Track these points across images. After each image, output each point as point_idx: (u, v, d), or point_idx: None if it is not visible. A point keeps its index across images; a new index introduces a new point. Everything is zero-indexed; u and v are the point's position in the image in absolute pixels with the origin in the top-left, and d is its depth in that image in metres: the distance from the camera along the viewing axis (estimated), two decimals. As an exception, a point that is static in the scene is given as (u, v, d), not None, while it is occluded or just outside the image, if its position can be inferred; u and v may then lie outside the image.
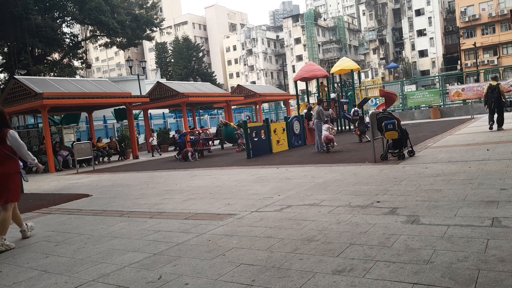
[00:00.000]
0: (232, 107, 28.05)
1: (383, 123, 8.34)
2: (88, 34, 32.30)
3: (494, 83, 12.22)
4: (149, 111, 23.83)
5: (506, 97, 13.55)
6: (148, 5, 32.52)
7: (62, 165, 16.00)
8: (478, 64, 46.28)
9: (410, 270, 2.77)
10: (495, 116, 12.24)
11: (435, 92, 27.90)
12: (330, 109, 17.50)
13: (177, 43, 61.63)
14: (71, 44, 30.63)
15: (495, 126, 12.26)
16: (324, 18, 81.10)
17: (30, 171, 15.95)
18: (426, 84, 47.06)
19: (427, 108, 26.69)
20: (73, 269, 3.59)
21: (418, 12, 60.52)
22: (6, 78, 28.17)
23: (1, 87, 25.50)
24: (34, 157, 5.07)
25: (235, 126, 18.49)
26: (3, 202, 4.67)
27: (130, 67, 30.70)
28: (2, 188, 4.68)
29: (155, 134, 21.56)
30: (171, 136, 23.29)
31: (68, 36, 30.92)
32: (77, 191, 9.07)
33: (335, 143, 11.91)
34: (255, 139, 13.15)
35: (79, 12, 27.84)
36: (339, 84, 23.89)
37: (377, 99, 25.75)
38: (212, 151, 16.35)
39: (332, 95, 21.01)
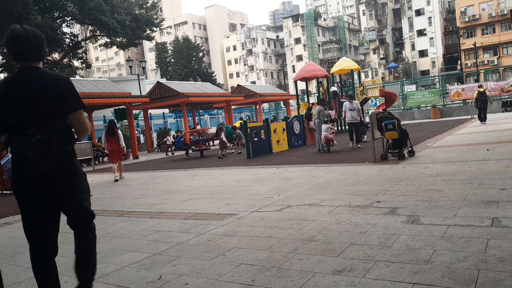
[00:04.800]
0: (232, 107, 28.05)
1: (383, 123, 8.35)
2: (88, 34, 32.30)
3: (481, 89, 16.41)
4: (149, 111, 23.83)
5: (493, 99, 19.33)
6: (148, 5, 32.51)
7: (62, 165, 16.00)
8: (478, 64, 46.26)
9: (410, 270, 2.77)
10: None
11: (435, 92, 27.91)
12: (333, 110, 17.43)
13: (177, 43, 61.64)
14: (71, 44, 30.62)
15: (482, 121, 16.22)
16: (324, 18, 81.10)
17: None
18: (426, 84, 47.06)
19: (427, 108, 26.70)
20: (73, 269, 3.59)
21: (418, 12, 60.50)
22: (6, 78, 28.12)
23: (1, 87, 25.47)
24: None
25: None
26: (119, 160, 10.77)
27: (130, 67, 30.69)
28: (118, 154, 10.72)
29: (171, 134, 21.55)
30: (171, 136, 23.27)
31: (68, 36, 30.91)
32: (77, 191, 9.04)
33: (335, 142, 11.93)
34: (255, 139, 13.15)
35: (79, 12, 27.84)
36: (339, 84, 23.89)
37: (377, 99, 25.74)
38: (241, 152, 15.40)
39: (333, 88, 21.03)
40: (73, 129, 2.55)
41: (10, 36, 2.42)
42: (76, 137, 2.60)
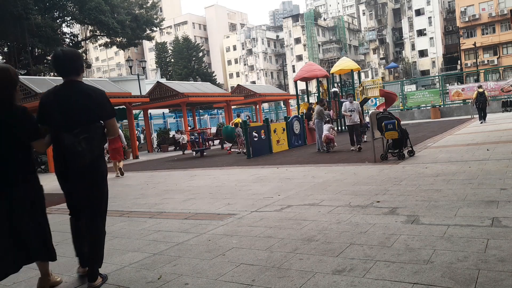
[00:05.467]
0: (232, 107, 28.06)
1: (383, 123, 8.35)
2: (88, 34, 32.32)
3: (481, 90, 17.19)
4: (149, 111, 23.83)
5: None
6: (148, 5, 32.54)
7: (62, 165, 16.00)
8: (478, 64, 46.27)
9: (410, 270, 2.77)
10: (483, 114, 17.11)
11: (435, 92, 27.91)
12: (331, 110, 17.40)
13: (177, 43, 61.62)
14: (71, 44, 30.63)
15: (483, 121, 17.06)
16: (324, 18, 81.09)
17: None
18: (426, 84, 47.06)
19: (427, 108, 26.70)
20: (73, 269, 3.59)
21: (418, 12, 60.50)
22: (6, 78, 28.14)
23: (1, 87, 25.50)
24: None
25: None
26: (120, 158, 11.38)
27: (130, 67, 30.69)
28: (118, 152, 11.21)
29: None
30: (171, 136, 23.28)
31: (68, 36, 30.94)
32: (77, 191, 9.04)
33: (335, 143, 11.93)
34: (255, 139, 13.15)
35: (79, 12, 27.86)
36: (339, 84, 23.89)
37: (377, 99, 25.74)
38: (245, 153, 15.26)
39: (334, 89, 21.04)
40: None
41: (52, 58, 3.21)
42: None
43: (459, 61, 51.43)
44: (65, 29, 31.76)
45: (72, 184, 3.09)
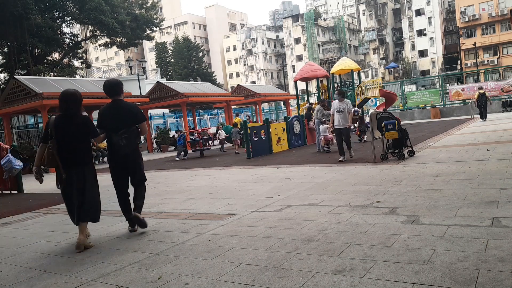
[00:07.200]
0: (232, 107, 28.06)
1: (383, 123, 8.35)
2: (88, 34, 32.28)
3: (482, 91, 18.47)
4: (149, 111, 23.83)
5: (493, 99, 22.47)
6: (148, 5, 32.51)
7: (62, 165, 16.00)
8: (478, 64, 46.25)
9: (410, 270, 2.77)
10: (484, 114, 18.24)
11: (435, 92, 27.91)
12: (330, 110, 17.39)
13: (177, 43, 61.61)
14: (71, 44, 30.63)
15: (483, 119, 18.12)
16: (324, 18, 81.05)
17: (30, 171, 15.94)
18: (426, 84, 47.06)
19: (427, 108, 26.70)
20: (73, 269, 3.60)
21: (418, 12, 60.49)
22: (6, 78, 28.17)
23: (1, 87, 25.49)
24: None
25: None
26: None
27: (130, 67, 30.68)
28: None
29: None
30: (171, 136, 23.26)
31: (68, 36, 30.91)
32: (77, 191, 9.04)
33: (334, 140, 11.91)
34: (255, 139, 13.15)
35: (79, 12, 27.84)
36: (339, 84, 23.86)
37: (377, 99, 25.74)
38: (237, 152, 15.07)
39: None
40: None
41: (103, 86, 4.80)
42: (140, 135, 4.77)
43: (459, 61, 51.41)
44: (65, 29, 31.73)
45: (120, 164, 4.61)
